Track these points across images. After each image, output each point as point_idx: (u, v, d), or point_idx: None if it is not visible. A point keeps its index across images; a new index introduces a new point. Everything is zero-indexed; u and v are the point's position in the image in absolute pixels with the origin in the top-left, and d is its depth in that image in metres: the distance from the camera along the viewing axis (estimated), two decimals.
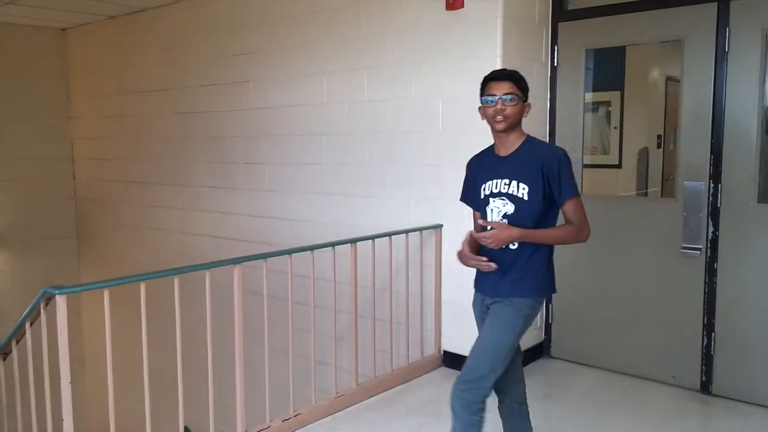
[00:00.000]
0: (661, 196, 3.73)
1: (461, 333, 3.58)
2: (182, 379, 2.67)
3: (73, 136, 6.05)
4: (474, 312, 2.52)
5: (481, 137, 2.56)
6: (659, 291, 3.40)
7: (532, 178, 2.30)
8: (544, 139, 3.63)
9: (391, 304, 3.50)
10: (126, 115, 5.52)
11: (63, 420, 2.32)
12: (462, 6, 3.43)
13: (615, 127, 4.20)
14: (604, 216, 3.56)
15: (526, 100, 2.36)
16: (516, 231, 2.26)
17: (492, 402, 2.32)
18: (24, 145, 5.71)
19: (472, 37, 3.39)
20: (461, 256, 2.38)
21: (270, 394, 2.98)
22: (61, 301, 2.30)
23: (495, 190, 2.36)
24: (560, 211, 2.34)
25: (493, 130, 2.38)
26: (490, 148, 2.48)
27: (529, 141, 2.40)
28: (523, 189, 2.31)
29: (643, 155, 3.99)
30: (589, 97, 3.80)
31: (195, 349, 2.82)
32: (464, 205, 2.55)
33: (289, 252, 3.07)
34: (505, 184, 2.34)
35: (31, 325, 2.64)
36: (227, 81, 4.65)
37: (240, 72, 4.54)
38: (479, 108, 2.38)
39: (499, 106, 2.29)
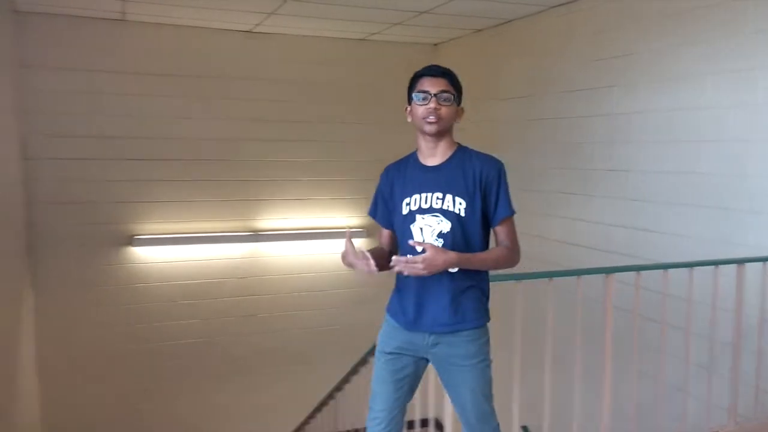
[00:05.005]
0: None
1: None
2: (550, 384, 2.73)
3: None
4: (384, 347, 2.11)
5: None
6: None
7: (470, 192, 1.96)
8: None
9: None
10: (485, 121, 5.86)
11: (445, 398, 2.57)
12: None
13: None
14: None
15: (459, 103, 2.02)
16: (453, 255, 1.89)
17: None
18: (389, 148, 6.46)
19: None
20: (345, 254, 2.01)
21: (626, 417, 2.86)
22: None
23: (425, 206, 2.00)
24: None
25: (422, 134, 2.03)
26: (412, 157, 2.10)
27: (462, 150, 2.06)
28: (460, 204, 1.97)
29: None
30: None
31: (538, 354, 2.84)
32: None
33: (664, 266, 2.89)
34: (438, 198, 1.98)
35: None
36: (589, 86, 4.58)
37: (604, 76, 4.43)
38: (406, 108, 2.05)
39: (432, 105, 1.96)
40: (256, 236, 5.98)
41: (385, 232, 2.21)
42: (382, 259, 2.13)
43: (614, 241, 4.28)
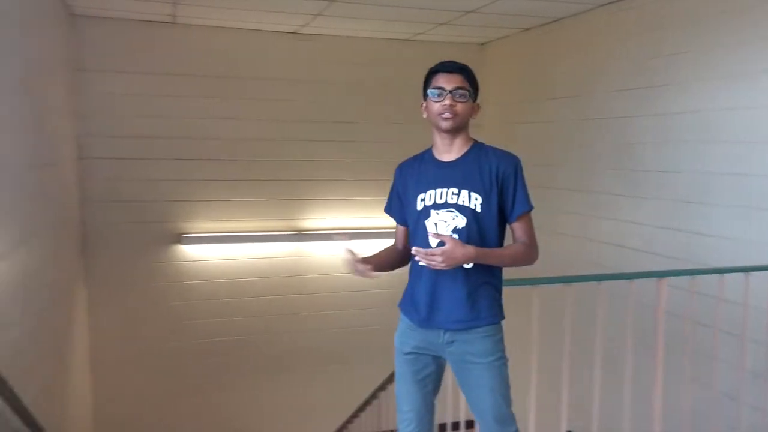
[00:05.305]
0: None
1: None
2: (600, 388, 2.67)
3: (482, 141, 6.60)
4: (402, 347, 2.12)
5: None
6: None
7: (486, 188, 1.95)
8: None
9: None
10: (533, 122, 5.79)
11: None
12: None
13: None
14: None
15: (475, 100, 2.04)
16: (471, 249, 1.86)
17: None
18: None
19: None
20: (358, 264, 2.00)
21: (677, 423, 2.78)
22: None
23: (440, 201, 1.99)
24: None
25: (437, 130, 2.05)
26: (428, 153, 2.12)
27: (478, 146, 2.06)
28: (476, 199, 1.95)
29: None
30: None
31: (588, 358, 2.78)
32: None
33: (720, 271, 2.80)
34: (453, 193, 1.98)
35: None
36: (641, 85, 4.47)
37: (656, 75, 4.32)
38: (422, 104, 2.09)
39: (447, 102, 1.98)
40: (300, 236, 6.04)
41: (401, 229, 2.22)
42: (393, 259, 2.19)
43: (666, 245, 4.17)
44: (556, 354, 2.67)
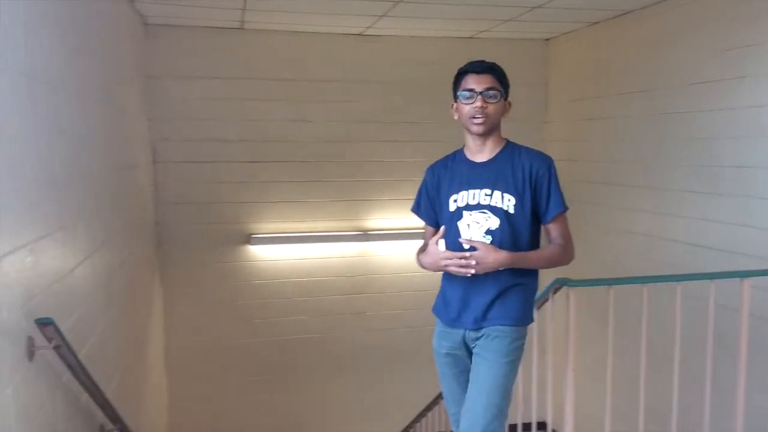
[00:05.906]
0: None
1: None
2: (678, 393, 2.59)
3: (547, 138, 6.48)
4: (439, 348, 2.10)
5: None
6: None
7: (519, 189, 1.90)
8: None
9: None
10: (600, 118, 5.65)
11: (565, 404, 2.50)
12: None
13: None
14: None
15: (507, 98, 1.99)
16: (503, 255, 1.84)
17: None
18: None
19: None
20: (433, 255, 2.01)
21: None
22: (571, 294, 2.46)
23: (472, 202, 1.97)
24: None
25: (469, 132, 2.03)
26: (460, 153, 2.11)
27: (511, 146, 2.01)
28: (509, 200, 1.91)
29: None
30: None
31: (666, 362, 2.69)
32: None
33: None
34: (486, 194, 1.95)
35: (538, 308, 2.90)
36: (715, 78, 4.30)
37: (732, 67, 4.14)
38: (452, 105, 2.07)
39: (479, 104, 1.95)
40: (365, 236, 6.09)
41: (430, 230, 2.23)
42: None
43: (744, 243, 3.99)
44: (632, 357, 2.61)
